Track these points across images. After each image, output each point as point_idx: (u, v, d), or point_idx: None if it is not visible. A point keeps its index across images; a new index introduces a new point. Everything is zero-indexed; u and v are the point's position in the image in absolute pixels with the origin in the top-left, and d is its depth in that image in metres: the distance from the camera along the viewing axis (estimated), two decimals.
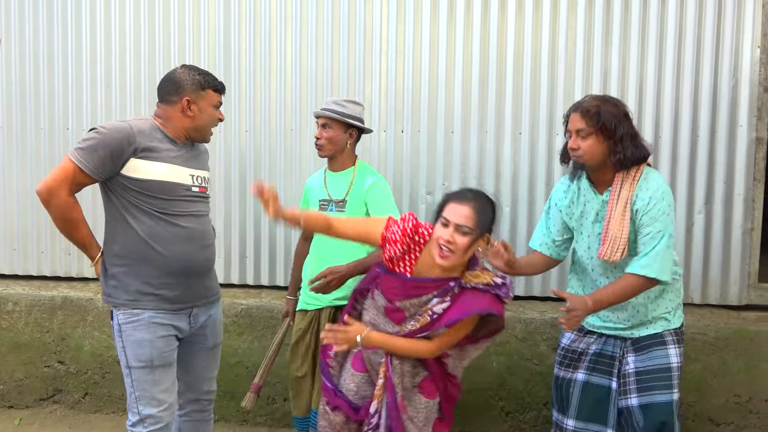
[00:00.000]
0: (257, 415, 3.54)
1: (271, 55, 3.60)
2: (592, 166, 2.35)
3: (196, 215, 2.39)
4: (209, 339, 2.53)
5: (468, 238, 2.13)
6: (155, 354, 2.29)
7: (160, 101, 2.40)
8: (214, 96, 2.42)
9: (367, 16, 3.51)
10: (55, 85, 3.76)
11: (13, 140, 3.81)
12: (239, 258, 3.72)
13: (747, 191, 3.31)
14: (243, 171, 3.68)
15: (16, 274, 3.91)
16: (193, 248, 2.35)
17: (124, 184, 2.26)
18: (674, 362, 2.37)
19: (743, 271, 3.35)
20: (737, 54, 3.28)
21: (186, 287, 2.35)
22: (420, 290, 2.22)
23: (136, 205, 2.27)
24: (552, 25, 3.38)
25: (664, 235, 2.26)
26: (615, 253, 2.31)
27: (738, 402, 3.19)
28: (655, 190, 2.29)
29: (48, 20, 3.74)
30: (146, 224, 2.27)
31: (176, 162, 2.34)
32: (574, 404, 2.55)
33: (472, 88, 3.44)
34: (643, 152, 2.30)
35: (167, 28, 3.67)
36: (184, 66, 2.42)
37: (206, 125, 2.43)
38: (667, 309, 2.43)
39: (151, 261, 2.28)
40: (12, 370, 3.68)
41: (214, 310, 2.55)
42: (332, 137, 2.80)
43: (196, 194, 2.40)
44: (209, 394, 2.60)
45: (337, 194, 2.86)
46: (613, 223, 2.32)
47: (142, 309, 2.28)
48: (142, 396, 2.29)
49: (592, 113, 2.27)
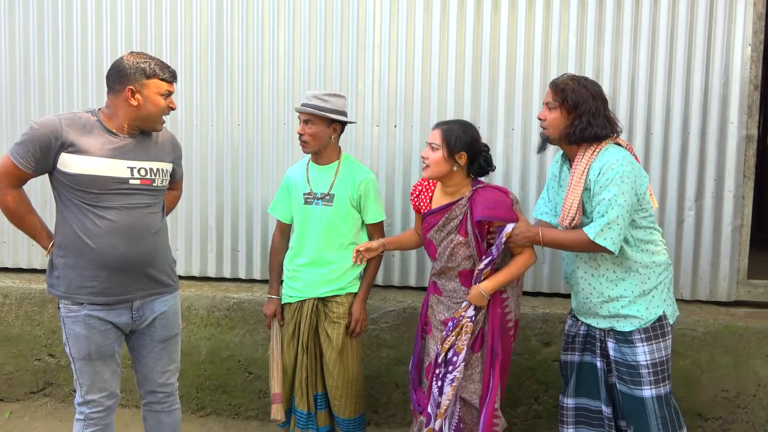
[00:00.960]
0: (249, 409, 3.54)
1: (263, 49, 3.59)
2: (552, 138, 2.49)
3: (130, 208, 2.36)
4: (158, 332, 2.52)
5: (438, 152, 2.56)
6: (92, 349, 2.36)
7: (108, 91, 2.37)
8: (161, 84, 2.36)
9: (360, 10, 3.51)
10: (46, 77, 3.74)
11: (3, 133, 3.79)
12: (231, 252, 3.72)
13: (737, 188, 3.33)
14: (235, 165, 3.67)
15: (6, 267, 3.89)
16: (124, 241, 2.34)
17: (59, 178, 2.31)
18: (643, 360, 2.42)
19: (732, 268, 3.38)
20: (728, 52, 3.29)
21: (118, 280, 2.36)
22: (435, 218, 2.65)
23: (70, 198, 2.32)
24: (544, 23, 3.39)
25: (612, 205, 2.31)
26: (565, 220, 2.42)
27: (726, 397, 3.22)
28: (606, 161, 2.36)
29: (38, 12, 3.72)
30: (78, 217, 2.32)
31: (111, 155, 2.32)
32: (572, 384, 2.63)
33: (465, 84, 3.45)
34: (596, 131, 2.38)
35: (159, 21, 3.65)
36: (132, 53, 2.37)
37: (152, 115, 2.37)
38: (625, 294, 2.45)
39: (83, 254, 2.32)
40: (2, 363, 3.67)
41: (165, 304, 2.52)
42: (315, 133, 2.79)
43: (134, 187, 2.37)
44: (165, 387, 2.60)
45: (319, 188, 2.86)
46: (569, 191, 2.43)
47: (79, 305, 2.35)
48: (84, 383, 2.40)
49: (560, 89, 2.43)
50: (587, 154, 2.42)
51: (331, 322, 2.86)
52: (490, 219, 2.52)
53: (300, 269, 2.90)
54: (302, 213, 2.90)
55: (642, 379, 2.42)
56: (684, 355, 3.21)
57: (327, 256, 2.86)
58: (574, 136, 2.41)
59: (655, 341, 2.44)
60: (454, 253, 2.60)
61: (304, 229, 2.89)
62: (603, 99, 2.45)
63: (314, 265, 2.87)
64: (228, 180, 3.68)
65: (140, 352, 2.54)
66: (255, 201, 3.66)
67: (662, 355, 2.45)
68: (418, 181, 2.83)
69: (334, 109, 2.81)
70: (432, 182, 2.75)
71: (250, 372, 3.53)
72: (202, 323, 3.53)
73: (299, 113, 2.83)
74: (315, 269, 2.86)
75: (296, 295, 2.90)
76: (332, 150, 2.89)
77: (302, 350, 2.87)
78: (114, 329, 2.41)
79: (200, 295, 3.54)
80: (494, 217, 2.52)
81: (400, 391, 3.43)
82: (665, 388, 2.45)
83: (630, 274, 2.45)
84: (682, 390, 3.21)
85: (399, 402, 3.44)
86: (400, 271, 3.59)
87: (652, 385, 2.42)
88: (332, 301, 2.87)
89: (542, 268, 3.48)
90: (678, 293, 3.38)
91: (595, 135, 2.39)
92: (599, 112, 2.40)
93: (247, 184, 3.67)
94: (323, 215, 2.85)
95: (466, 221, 2.58)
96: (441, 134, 2.57)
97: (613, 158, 2.35)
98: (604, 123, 2.41)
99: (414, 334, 3.28)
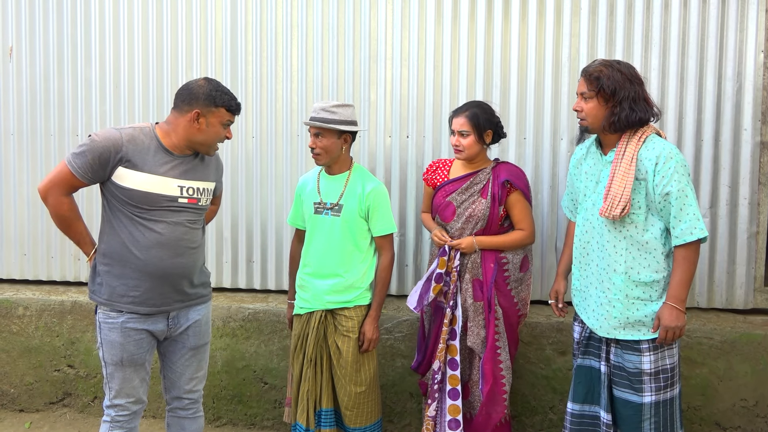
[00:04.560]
0: (264, 419, 3.56)
1: (277, 61, 3.64)
2: (593, 128, 2.44)
3: (176, 224, 2.45)
4: (191, 340, 2.60)
5: (470, 136, 2.85)
6: (125, 356, 2.45)
7: (173, 107, 2.46)
8: (226, 115, 2.46)
9: (372, 22, 3.54)
10: (65, 91, 3.81)
11: (24, 147, 3.86)
12: (246, 262, 3.75)
13: (752, 195, 3.31)
14: (249, 176, 3.71)
15: (26, 279, 3.95)
16: (168, 254, 2.43)
17: (112, 190, 2.40)
18: (647, 368, 2.38)
19: (749, 275, 3.35)
20: (741, 58, 3.28)
21: (160, 291, 2.46)
22: (457, 184, 2.95)
23: (120, 209, 2.40)
24: (556, 32, 3.40)
25: (686, 194, 2.30)
26: (615, 209, 2.36)
27: (745, 406, 3.19)
28: (662, 150, 2.33)
29: (58, 27, 3.80)
30: (127, 228, 2.40)
31: (165, 173, 2.41)
32: (572, 387, 2.60)
33: (476, 93, 3.46)
34: (640, 115, 2.35)
35: (175, 35, 3.71)
36: (206, 79, 2.47)
37: (210, 141, 2.48)
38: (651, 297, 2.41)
39: (129, 263, 2.41)
40: (22, 374, 3.72)
41: (199, 313, 2.62)
42: (327, 146, 2.81)
43: (182, 205, 2.46)
44: (192, 394, 2.67)
45: (329, 198, 2.88)
46: (616, 180, 2.37)
47: (118, 312, 2.43)
48: (113, 387, 2.49)
49: (593, 77, 2.38)
50: (632, 142, 2.37)
51: (341, 335, 2.85)
52: (512, 184, 2.88)
53: (307, 279, 2.91)
54: (312, 222, 2.91)
55: (644, 386, 2.38)
56: (701, 364, 3.18)
57: (334, 267, 2.85)
58: (619, 124, 2.36)
59: (656, 351, 2.40)
60: (474, 213, 2.88)
61: (312, 239, 2.91)
62: (639, 81, 2.39)
63: (321, 275, 2.87)
64: (242, 191, 3.72)
65: (170, 358, 2.61)
66: (269, 212, 3.69)
67: (674, 362, 2.41)
68: (433, 161, 3.15)
69: (344, 120, 2.81)
70: (449, 160, 3.08)
71: (266, 382, 3.55)
72: (218, 334, 3.56)
73: (309, 127, 2.84)
74: (322, 280, 2.86)
75: (305, 306, 2.91)
76: (344, 160, 2.91)
77: (307, 362, 2.86)
78: (149, 337, 2.50)
79: (216, 305, 3.57)
80: (516, 184, 2.88)
81: (415, 400, 3.43)
82: (671, 393, 2.41)
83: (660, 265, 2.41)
84: (700, 399, 3.18)
85: (414, 411, 3.44)
86: (413, 281, 3.60)
87: (653, 392, 2.38)
88: (341, 314, 2.86)
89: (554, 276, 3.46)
90: (694, 301, 3.36)
91: (639, 120, 2.35)
92: (639, 95, 2.36)
93: (261, 195, 3.71)
94: (332, 225, 2.86)
95: (488, 185, 2.89)
96: (468, 120, 2.85)
97: (667, 148, 2.33)
98: (645, 106, 2.36)
99: None
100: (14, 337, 3.71)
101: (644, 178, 2.35)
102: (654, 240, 2.38)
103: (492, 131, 2.89)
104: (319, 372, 2.88)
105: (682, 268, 2.34)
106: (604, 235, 2.46)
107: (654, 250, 2.39)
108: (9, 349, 3.71)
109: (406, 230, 3.57)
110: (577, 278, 2.63)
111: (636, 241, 2.39)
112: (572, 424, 2.58)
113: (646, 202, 2.37)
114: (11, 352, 3.71)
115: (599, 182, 2.49)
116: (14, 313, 3.70)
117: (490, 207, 2.87)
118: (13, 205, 3.89)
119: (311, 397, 2.86)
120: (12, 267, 3.93)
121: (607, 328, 2.46)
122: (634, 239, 2.39)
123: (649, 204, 2.37)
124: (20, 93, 3.84)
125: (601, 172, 2.49)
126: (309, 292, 2.90)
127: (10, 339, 3.71)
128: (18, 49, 3.84)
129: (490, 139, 2.91)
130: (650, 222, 2.39)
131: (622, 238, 2.41)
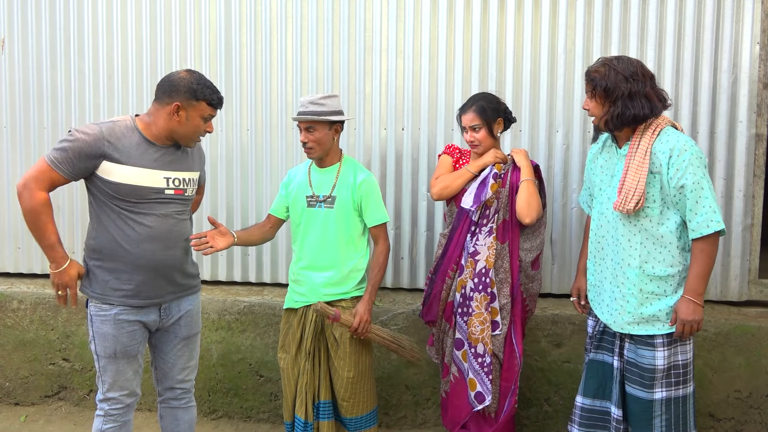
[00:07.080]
0: (260, 412, 3.56)
1: (272, 52, 3.62)
2: (599, 126, 2.47)
3: (165, 216, 2.45)
4: (183, 330, 2.61)
5: (482, 130, 2.86)
6: (119, 348, 2.44)
7: (155, 98, 2.44)
8: (207, 109, 2.43)
9: (367, 13, 3.52)
10: (58, 84, 3.79)
11: (17, 139, 3.84)
12: (241, 255, 3.75)
13: (747, 187, 3.31)
14: (245, 168, 3.69)
15: (20, 273, 3.94)
16: (159, 247, 2.43)
17: (98, 185, 2.38)
18: (661, 364, 2.37)
19: (743, 268, 3.36)
20: (736, 50, 3.28)
21: (153, 284, 2.46)
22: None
23: (107, 204, 2.39)
24: (551, 23, 3.39)
25: (702, 186, 2.29)
26: (629, 203, 2.35)
27: (738, 397, 3.21)
28: (677, 143, 2.31)
29: (50, 19, 3.76)
30: (116, 223, 2.39)
31: (150, 165, 2.39)
32: (583, 381, 2.60)
33: (472, 86, 3.45)
34: (634, 112, 2.34)
35: (168, 26, 3.68)
36: (189, 71, 2.43)
37: (189, 134, 2.45)
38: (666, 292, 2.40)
39: (120, 258, 2.40)
40: (17, 367, 3.71)
41: (191, 303, 2.63)
42: (319, 139, 2.80)
43: (169, 196, 2.46)
44: (184, 383, 2.68)
45: (321, 190, 2.88)
46: (630, 174, 2.37)
47: (110, 305, 2.41)
48: (106, 381, 2.48)
49: (590, 78, 2.44)
50: (646, 136, 2.37)
51: (338, 326, 2.85)
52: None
53: (303, 272, 2.90)
54: (306, 216, 2.90)
55: (654, 383, 2.38)
56: (696, 356, 3.18)
57: (330, 259, 2.85)
58: (612, 123, 2.38)
59: (670, 347, 2.39)
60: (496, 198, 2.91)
61: (307, 232, 2.90)
62: (641, 77, 2.36)
63: (318, 268, 2.87)
64: (238, 183, 3.71)
65: (162, 349, 2.61)
66: (264, 205, 3.68)
67: (687, 358, 2.41)
68: (454, 145, 3.09)
69: (333, 111, 2.81)
70: (467, 151, 3.05)
71: (261, 375, 3.55)
72: (213, 327, 3.56)
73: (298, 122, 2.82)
74: (319, 272, 2.86)
75: (301, 300, 2.91)
76: (334, 152, 2.90)
77: (305, 355, 2.86)
78: (141, 329, 2.50)
79: (211, 298, 3.57)
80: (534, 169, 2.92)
81: (411, 393, 3.44)
82: (683, 390, 2.40)
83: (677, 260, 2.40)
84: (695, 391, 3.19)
85: (409, 404, 3.45)
86: (409, 274, 3.60)
87: (664, 388, 2.38)
88: (338, 305, 2.86)
89: (551, 269, 3.47)
90: None
91: (633, 117, 2.35)
92: (635, 92, 2.34)
93: (256, 187, 3.69)
94: (327, 218, 2.85)
95: (507, 174, 2.88)
96: (477, 115, 2.86)
97: (682, 140, 2.32)
98: (643, 103, 2.35)
99: (423, 336, 3.29)
100: (9, 331, 3.70)
101: (659, 172, 2.34)
102: (669, 234, 2.37)
103: (502, 119, 2.90)
104: (317, 364, 2.88)
105: (699, 261, 2.34)
106: (618, 229, 2.45)
107: (669, 243, 2.38)
108: (4, 343, 3.70)
109: (402, 223, 3.57)
110: (592, 273, 2.62)
111: (651, 234, 2.39)
112: (582, 419, 2.57)
113: (661, 196, 2.36)
114: (6, 345, 3.70)
115: (614, 176, 2.49)
116: (9, 307, 3.69)
117: (508, 193, 2.87)
118: (7, 198, 3.86)
119: (309, 390, 2.86)
120: (6, 260, 3.92)
121: (621, 323, 2.45)
122: (649, 233, 2.39)
123: (665, 197, 2.36)
124: (13, 85, 3.81)
125: (615, 166, 2.49)
126: (305, 285, 2.89)
127: (5, 332, 3.70)
128: (10, 41, 3.80)
129: (501, 127, 2.91)
130: (666, 216, 2.38)
131: (637, 231, 2.40)
